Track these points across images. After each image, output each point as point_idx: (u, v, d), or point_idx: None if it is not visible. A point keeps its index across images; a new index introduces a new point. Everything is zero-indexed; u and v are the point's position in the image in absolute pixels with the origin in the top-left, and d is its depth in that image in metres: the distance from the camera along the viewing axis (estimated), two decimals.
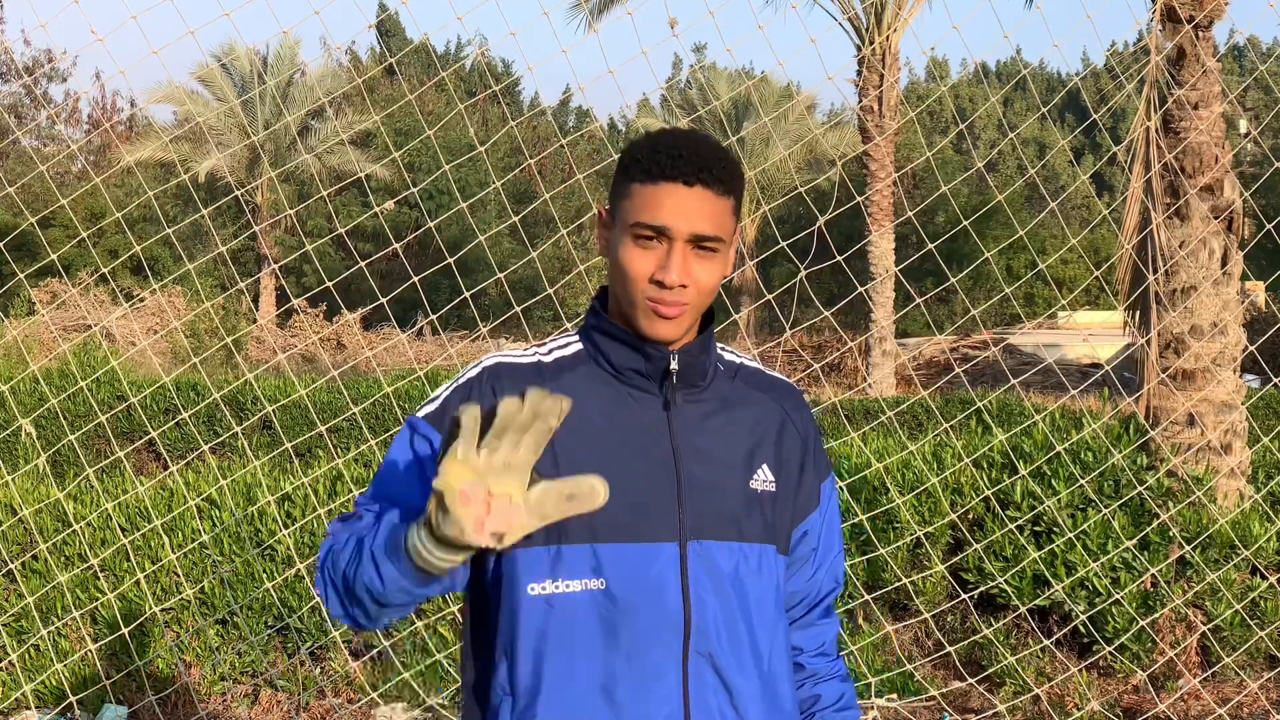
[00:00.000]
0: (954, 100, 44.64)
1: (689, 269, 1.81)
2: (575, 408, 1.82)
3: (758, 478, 1.90)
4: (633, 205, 1.82)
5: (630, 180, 1.83)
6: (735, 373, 1.98)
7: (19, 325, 14.19)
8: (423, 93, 26.97)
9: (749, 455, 1.91)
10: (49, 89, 38.65)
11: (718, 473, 1.87)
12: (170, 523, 5.83)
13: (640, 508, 1.83)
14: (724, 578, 1.84)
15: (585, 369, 1.91)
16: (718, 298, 6.44)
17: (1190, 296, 5.79)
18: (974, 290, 28.29)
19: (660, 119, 34.29)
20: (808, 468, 1.97)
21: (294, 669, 5.71)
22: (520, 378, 1.88)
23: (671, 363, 1.86)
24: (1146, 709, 5.31)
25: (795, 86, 35.42)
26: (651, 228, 1.80)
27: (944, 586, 5.78)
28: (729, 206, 1.85)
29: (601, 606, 1.81)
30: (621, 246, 1.84)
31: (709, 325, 1.95)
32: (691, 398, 1.90)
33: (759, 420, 1.94)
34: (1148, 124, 5.83)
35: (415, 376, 8.95)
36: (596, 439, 1.86)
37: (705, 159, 1.81)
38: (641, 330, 1.85)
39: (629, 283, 1.83)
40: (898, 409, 9.76)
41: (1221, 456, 5.82)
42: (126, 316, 19.14)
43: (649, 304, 1.82)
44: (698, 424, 1.89)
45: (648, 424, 1.87)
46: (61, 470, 9.31)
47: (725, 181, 1.83)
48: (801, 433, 1.98)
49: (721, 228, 1.83)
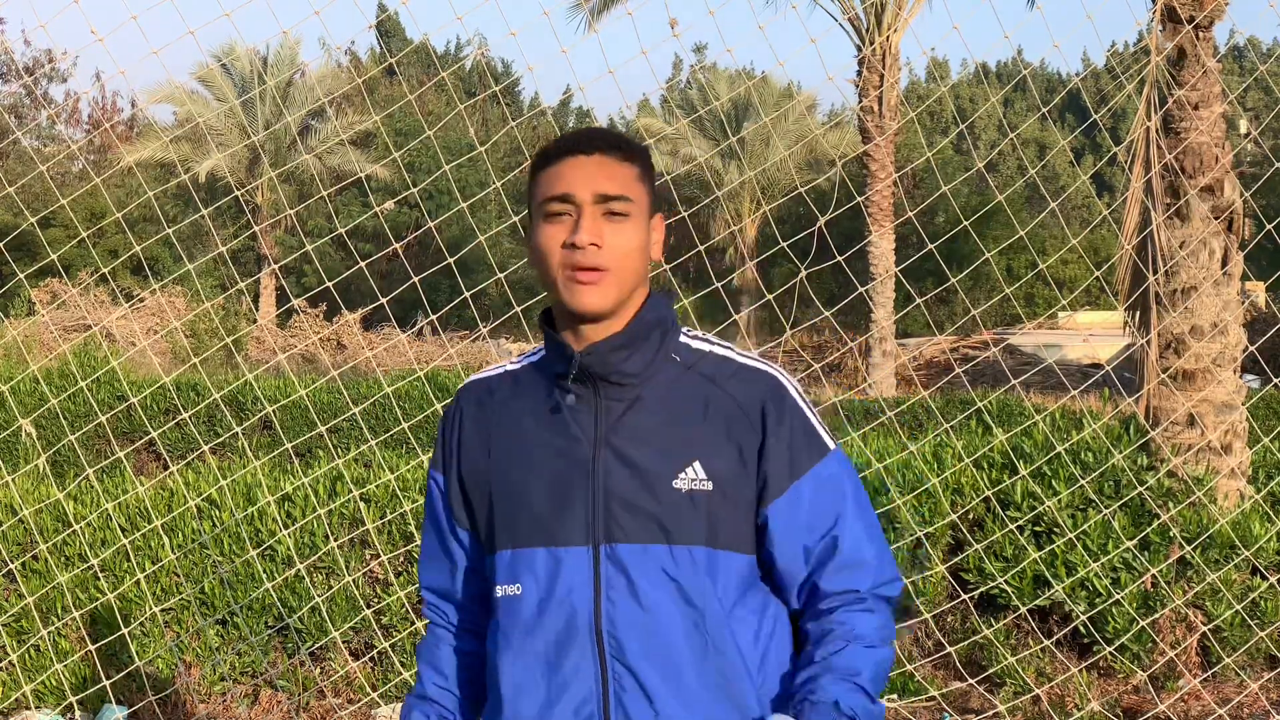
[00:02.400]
0: (954, 100, 44.64)
1: (599, 230, 1.83)
2: (511, 412, 1.93)
3: (685, 477, 1.83)
4: (539, 189, 1.88)
5: (536, 172, 1.89)
6: (695, 362, 1.91)
7: (19, 325, 14.19)
8: (423, 93, 26.95)
9: (679, 453, 1.84)
10: (49, 89, 38.64)
11: (637, 474, 1.84)
12: (170, 523, 5.82)
13: (555, 511, 1.84)
14: (648, 581, 1.81)
15: (535, 375, 1.96)
16: (718, 298, 6.44)
17: (1190, 297, 5.79)
18: (974, 290, 28.28)
19: (660, 119, 34.29)
20: (771, 459, 1.86)
21: (294, 669, 5.71)
22: (480, 392, 1.99)
23: (574, 364, 1.85)
24: (1147, 709, 5.31)
25: (795, 87, 35.43)
26: (556, 198, 1.84)
27: (944, 587, 5.77)
28: (632, 172, 1.87)
29: (518, 612, 1.85)
30: (536, 232, 1.88)
31: (644, 316, 1.89)
32: (616, 396, 1.87)
33: (704, 415, 1.87)
34: (1148, 124, 5.83)
35: (415, 377, 8.95)
36: (521, 442, 1.90)
37: (600, 133, 1.89)
38: (567, 305, 1.85)
39: (547, 259, 1.86)
40: (898, 409, 9.76)
41: (1222, 457, 5.82)
42: (126, 316, 19.13)
43: (567, 275, 1.83)
44: (620, 423, 1.86)
45: (571, 427, 1.87)
46: (61, 470, 9.31)
47: (623, 149, 1.88)
48: (763, 423, 1.87)
49: (627, 188, 1.85)
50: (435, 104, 37.04)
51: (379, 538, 5.71)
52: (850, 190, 16.60)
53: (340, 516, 5.80)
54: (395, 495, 5.76)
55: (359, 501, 5.72)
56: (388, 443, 9.29)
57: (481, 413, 1.96)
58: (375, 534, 5.69)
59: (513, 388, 1.96)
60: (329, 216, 30.99)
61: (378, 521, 5.73)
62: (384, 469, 5.87)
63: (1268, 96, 36.63)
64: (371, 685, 5.66)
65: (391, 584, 5.64)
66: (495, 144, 33.35)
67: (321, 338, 20.27)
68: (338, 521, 5.80)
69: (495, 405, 1.96)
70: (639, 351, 1.87)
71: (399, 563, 5.75)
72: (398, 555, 5.70)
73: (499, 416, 1.94)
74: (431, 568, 2.04)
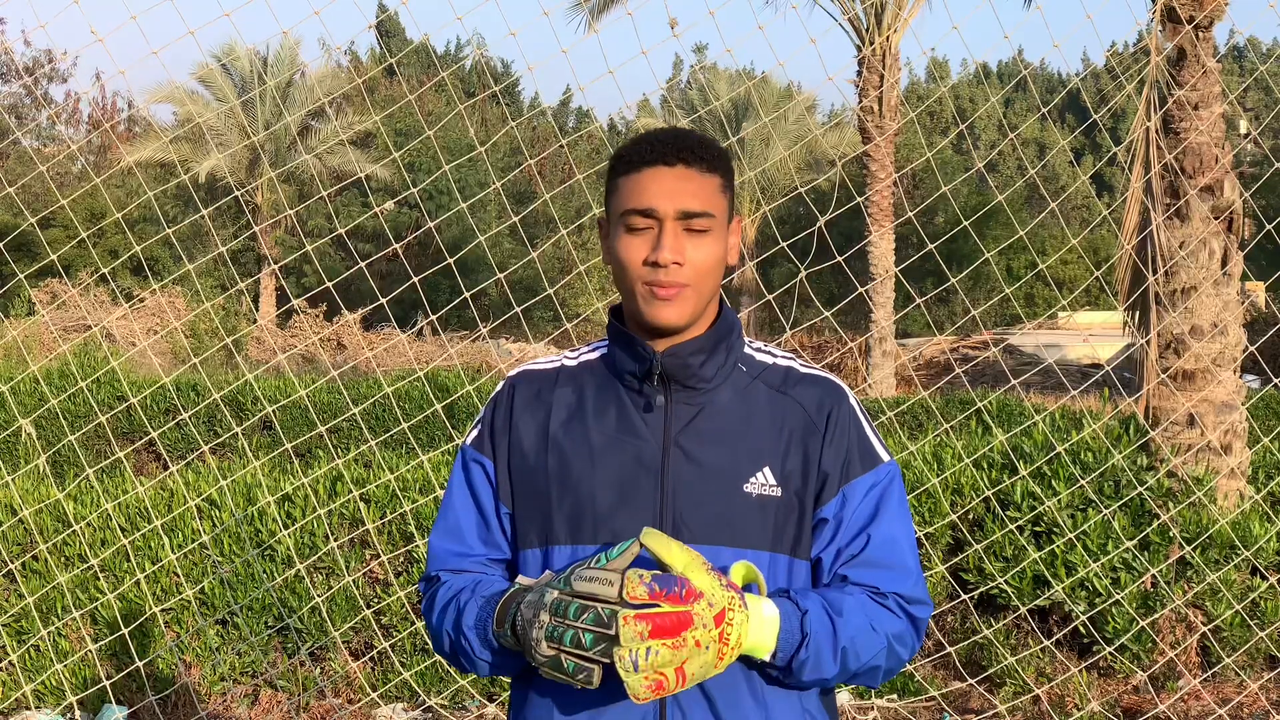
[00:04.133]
0: (954, 100, 44.63)
1: (681, 247, 1.83)
2: (577, 410, 1.91)
3: (755, 482, 1.85)
4: (621, 198, 1.86)
5: (617, 177, 1.88)
6: (760, 373, 1.94)
7: (19, 325, 14.20)
8: (423, 93, 26.96)
9: (749, 458, 1.86)
10: (49, 89, 38.65)
11: (707, 476, 1.85)
12: (170, 523, 5.82)
13: (621, 510, 1.84)
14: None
15: (597, 372, 1.95)
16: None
17: (1190, 297, 5.79)
18: (974, 290, 28.29)
19: (660, 119, 34.29)
20: (827, 464, 1.88)
21: (294, 669, 5.71)
22: (536, 383, 1.96)
23: (655, 365, 1.86)
24: (1146, 709, 5.31)
25: (795, 87, 35.43)
26: (639, 211, 1.83)
27: (944, 587, 5.77)
28: (715, 184, 1.87)
29: None
30: (616, 240, 1.87)
31: (721, 324, 1.92)
32: (688, 399, 1.88)
33: (773, 422, 1.89)
34: (1148, 124, 5.83)
35: (415, 377, 8.95)
36: (588, 441, 1.89)
37: (684, 141, 1.86)
38: (644, 318, 1.85)
39: (626, 271, 1.85)
40: (898, 409, 9.76)
41: (1221, 457, 5.82)
42: (126, 317, 19.13)
43: (646, 288, 1.84)
44: (691, 426, 1.87)
45: (640, 426, 1.88)
46: (61, 470, 9.31)
47: (707, 160, 1.86)
48: (826, 430, 1.89)
49: (709, 203, 1.85)
50: (435, 104, 37.04)
51: (379, 538, 5.71)
52: (850, 190, 16.61)
53: (340, 517, 5.80)
54: (395, 495, 5.76)
55: (359, 501, 5.72)
56: (388, 443, 9.29)
57: (539, 404, 1.94)
58: (375, 534, 5.69)
59: (573, 383, 1.95)
60: (329, 216, 30.99)
61: (378, 521, 5.73)
62: (384, 469, 5.87)
63: (1268, 96, 36.64)
64: (371, 685, 5.66)
65: (391, 584, 5.64)
66: (495, 144, 33.35)
67: (321, 338, 20.28)
68: (338, 521, 5.80)
69: (554, 399, 1.94)
70: (714, 357, 1.89)
71: (399, 563, 5.75)
72: (398, 555, 5.70)
73: (557, 410, 1.93)
74: (452, 550, 1.97)
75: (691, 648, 1.61)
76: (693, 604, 1.61)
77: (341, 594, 5.68)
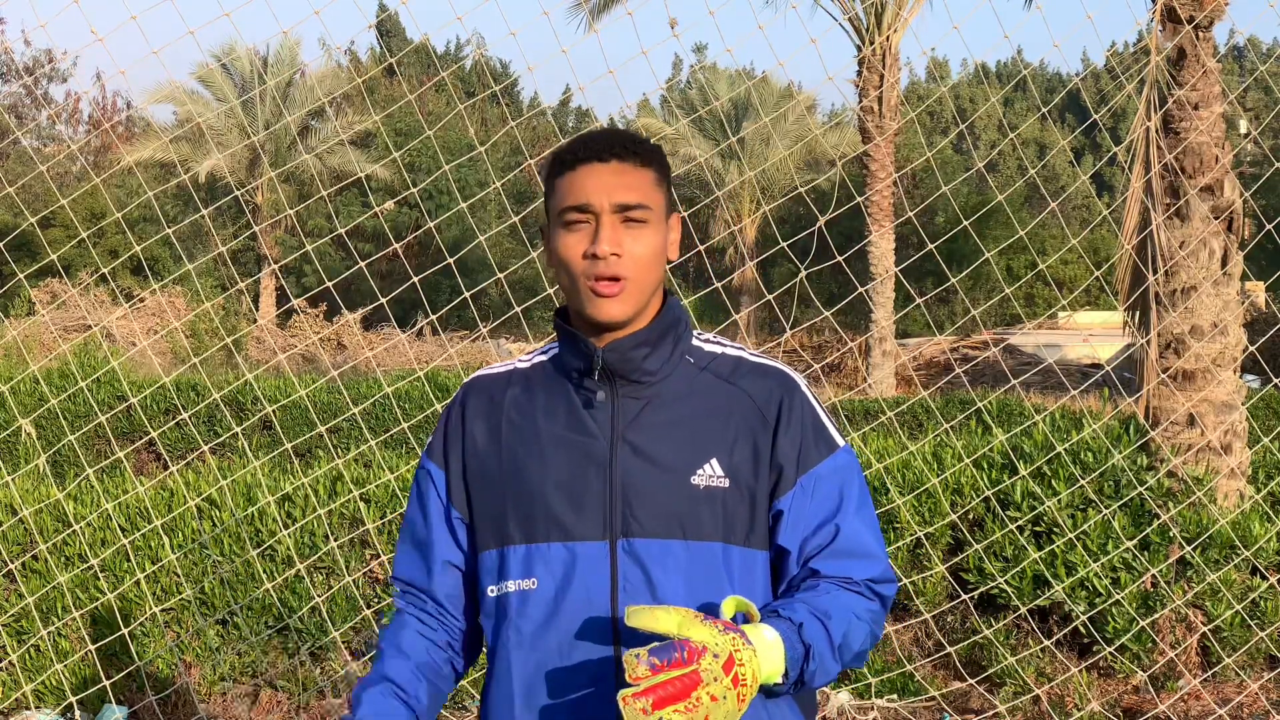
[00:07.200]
0: (954, 100, 44.63)
1: (619, 239, 1.85)
2: (528, 410, 1.94)
3: (703, 473, 1.86)
4: (558, 197, 1.88)
5: (553, 178, 1.90)
6: (709, 363, 1.95)
7: (19, 325, 14.20)
8: (423, 93, 26.96)
9: (696, 450, 1.87)
10: (49, 89, 38.64)
11: (655, 470, 1.86)
12: (170, 523, 5.82)
13: (572, 507, 1.86)
14: (667, 576, 1.83)
15: (548, 372, 1.97)
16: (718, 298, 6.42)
17: (1190, 297, 5.79)
18: (974, 290, 28.27)
19: (660, 119, 34.29)
20: (782, 454, 1.89)
21: (294, 669, 5.71)
22: (489, 388, 2.00)
23: (596, 361, 1.87)
24: (1147, 709, 5.31)
25: (795, 87, 35.40)
26: (575, 208, 1.86)
27: (944, 587, 5.77)
28: (650, 177, 1.89)
29: (534, 606, 1.85)
30: (556, 239, 1.89)
31: (666, 315, 1.92)
32: (634, 394, 1.89)
33: (721, 413, 1.89)
34: (1148, 124, 5.83)
35: (415, 377, 8.94)
36: (538, 440, 1.91)
37: (617, 137, 1.89)
38: (589, 316, 1.87)
39: (567, 267, 1.88)
40: (898, 409, 9.76)
41: (1221, 457, 5.82)
42: (126, 316, 19.13)
43: (588, 285, 1.85)
44: (638, 420, 1.88)
45: (589, 424, 1.89)
46: (61, 470, 9.31)
47: (641, 154, 1.89)
48: (776, 420, 1.90)
49: (645, 196, 1.87)
50: (435, 104, 37.03)
51: (379, 538, 5.71)
52: (850, 190, 16.61)
53: (340, 516, 5.80)
54: (395, 495, 5.76)
55: (359, 501, 5.72)
56: (388, 443, 9.29)
57: (491, 408, 1.97)
58: (375, 534, 5.69)
59: (524, 384, 1.97)
60: (329, 216, 30.99)
61: (378, 521, 5.73)
62: (384, 469, 5.87)
63: (1268, 96, 36.64)
64: None
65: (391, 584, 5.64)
66: (495, 144, 33.35)
67: (321, 338, 20.27)
68: (338, 521, 5.80)
69: (506, 401, 1.97)
70: (659, 350, 1.90)
71: None
72: None
73: (509, 412, 1.95)
74: (410, 558, 2.03)
75: (707, 703, 1.59)
76: (698, 661, 1.60)
77: (341, 594, 5.68)
